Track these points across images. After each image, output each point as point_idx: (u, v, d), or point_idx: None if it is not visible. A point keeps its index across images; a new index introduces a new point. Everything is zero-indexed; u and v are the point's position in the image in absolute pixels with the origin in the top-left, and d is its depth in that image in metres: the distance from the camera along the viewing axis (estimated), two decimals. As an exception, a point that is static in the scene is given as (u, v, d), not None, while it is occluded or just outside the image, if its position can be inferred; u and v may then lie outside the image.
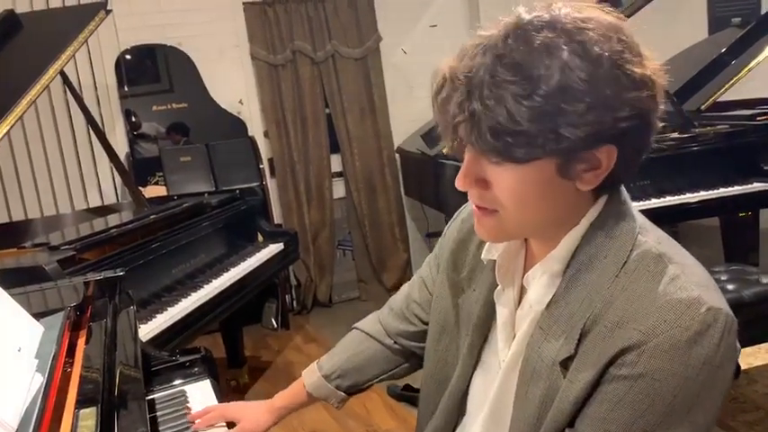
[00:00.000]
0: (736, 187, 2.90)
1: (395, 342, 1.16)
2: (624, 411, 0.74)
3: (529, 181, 0.76)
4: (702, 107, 3.49)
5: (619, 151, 0.75)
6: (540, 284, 0.83)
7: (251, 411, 1.18)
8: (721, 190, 2.89)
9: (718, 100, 3.52)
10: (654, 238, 0.81)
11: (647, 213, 2.98)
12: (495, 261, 0.92)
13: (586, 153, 0.74)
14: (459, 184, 0.80)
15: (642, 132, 0.76)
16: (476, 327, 0.96)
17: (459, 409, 0.99)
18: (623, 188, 0.83)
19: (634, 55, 0.74)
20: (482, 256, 0.93)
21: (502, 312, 0.92)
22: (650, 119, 0.76)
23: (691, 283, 0.76)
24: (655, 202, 2.84)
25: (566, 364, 0.79)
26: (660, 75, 0.76)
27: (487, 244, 0.92)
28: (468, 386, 0.97)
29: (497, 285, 0.92)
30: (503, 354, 0.91)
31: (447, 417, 0.99)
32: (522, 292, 0.90)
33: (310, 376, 1.18)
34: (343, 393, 1.17)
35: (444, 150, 3.12)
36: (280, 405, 1.19)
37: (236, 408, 1.19)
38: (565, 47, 0.71)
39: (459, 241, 1.01)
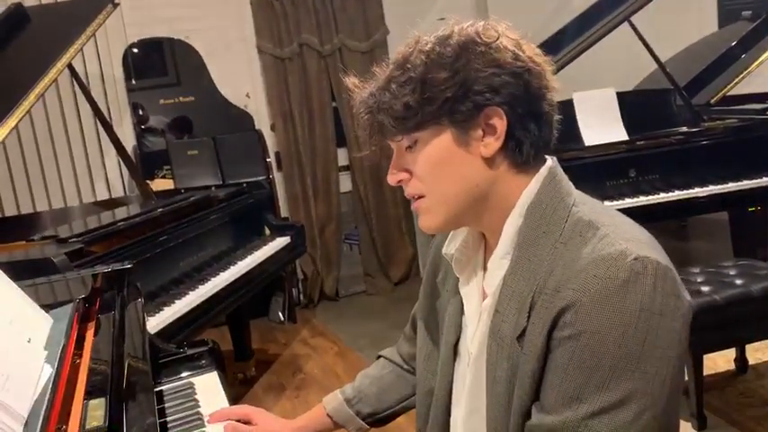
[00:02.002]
0: (746, 182, 2.88)
1: (411, 367, 1.17)
2: (576, 372, 0.77)
3: (435, 156, 0.86)
4: (712, 101, 3.47)
5: (508, 113, 0.83)
6: (493, 268, 0.88)
7: (269, 422, 1.16)
8: (730, 184, 2.87)
9: (728, 94, 3.50)
10: (588, 208, 0.85)
11: (656, 207, 2.94)
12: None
13: (476, 119, 0.83)
14: (390, 178, 0.91)
15: (522, 92, 0.83)
16: (449, 325, 0.98)
17: (448, 415, 0.99)
18: (559, 169, 0.89)
19: (498, 37, 0.84)
20: (443, 252, 0.98)
21: (468, 306, 0.95)
22: (523, 79, 0.83)
23: (619, 238, 0.79)
24: (663, 197, 2.82)
25: (521, 338, 0.82)
26: (534, 55, 0.85)
27: (447, 240, 0.97)
28: (450, 394, 0.99)
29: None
30: (471, 346, 0.93)
31: (438, 427, 1.00)
32: None
33: (332, 400, 1.18)
34: (362, 422, 1.16)
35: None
36: (298, 425, 1.18)
37: (257, 412, 1.17)
38: (430, 39, 0.85)
39: (438, 246, 1.04)
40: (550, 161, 0.89)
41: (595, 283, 0.76)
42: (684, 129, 3.04)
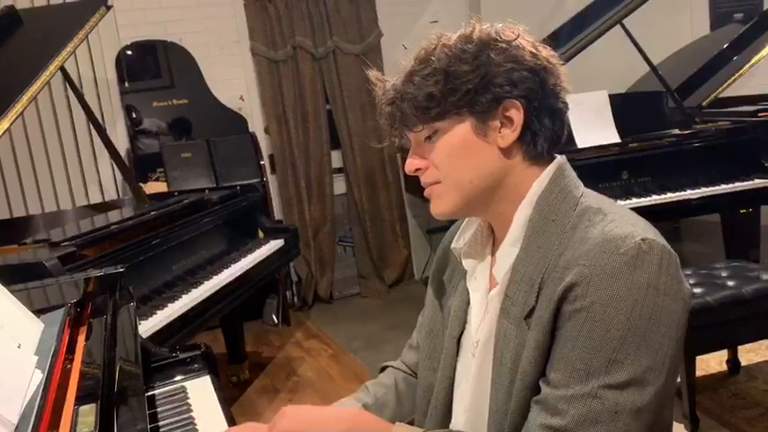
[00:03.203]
0: (738, 183, 2.90)
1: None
2: (584, 344, 0.79)
3: (453, 144, 0.90)
4: (704, 103, 3.49)
5: (525, 106, 0.88)
6: (502, 255, 0.92)
7: None
8: (722, 186, 2.89)
9: (720, 96, 3.52)
10: (595, 200, 0.90)
11: (648, 209, 2.95)
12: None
13: (494, 110, 0.88)
14: (408, 165, 0.94)
15: (539, 87, 0.88)
16: (453, 318, 1.00)
17: (448, 409, 1.00)
18: (568, 165, 0.94)
19: (517, 36, 0.89)
20: (452, 246, 1.01)
21: (475, 297, 0.98)
22: (540, 75, 0.88)
23: (627, 223, 0.84)
24: (656, 199, 2.83)
25: (529, 318, 0.85)
26: (550, 55, 0.91)
27: (456, 236, 1.01)
28: (453, 385, 0.99)
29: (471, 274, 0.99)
30: (476, 335, 0.95)
31: (437, 418, 1.01)
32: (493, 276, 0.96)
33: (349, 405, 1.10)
34: None
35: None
36: None
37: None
38: (452, 36, 0.90)
39: (445, 245, 1.07)
40: (560, 158, 0.94)
41: (605, 258, 0.80)
42: (676, 131, 3.06)
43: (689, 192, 2.86)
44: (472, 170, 0.90)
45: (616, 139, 2.94)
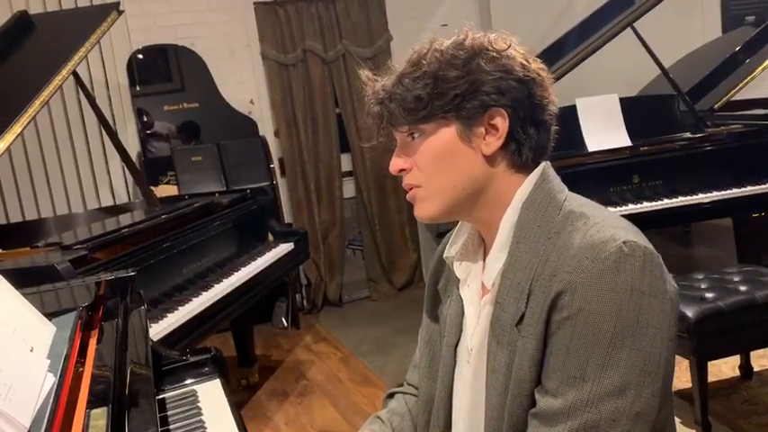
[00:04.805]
0: (750, 187, 2.87)
1: None
2: (576, 351, 0.81)
3: (438, 148, 0.91)
4: (716, 106, 3.46)
5: (511, 115, 0.89)
6: (491, 262, 0.93)
7: None
8: (734, 190, 2.86)
9: (732, 99, 3.49)
10: (578, 203, 0.91)
11: (660, 213, 2.92)
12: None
13: (480, 117, 0.89)
14: (392, 164, 0.95)
15: (525, 98, 0.89)
16: (449, 327, 1.01)
17: (449, 418, 1.00)
18: (551, 170, 0.94)
19: (508, 46, 0.90)
20: (443, 255, 1.02)
21: (469, 306, 0.98)
22: (529, 87, 0.89)
23: (609, 226, 0.85)
24: (667, 203, 2.82)
25: (520, 324, 0.86)
26: (540, 68, 0.92)
27: (448, 245, 1.02)
28: (452, 396, 1.00)
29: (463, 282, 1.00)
30: (470, 342, 0.96)
31: (439, 429, 1.00)
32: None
33: None
34: None
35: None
36: None
37: None
38: (445, 41, 0.91)
39: (438, 256, 1.08)
40: (544, 163, 0.94)
41: (588, 264, 0.81)
42: (688, 134, 3.04)
43: (700, 195, 2.84)
44: (456, 175, 0.91)
45: (627, 142, 2.92)
